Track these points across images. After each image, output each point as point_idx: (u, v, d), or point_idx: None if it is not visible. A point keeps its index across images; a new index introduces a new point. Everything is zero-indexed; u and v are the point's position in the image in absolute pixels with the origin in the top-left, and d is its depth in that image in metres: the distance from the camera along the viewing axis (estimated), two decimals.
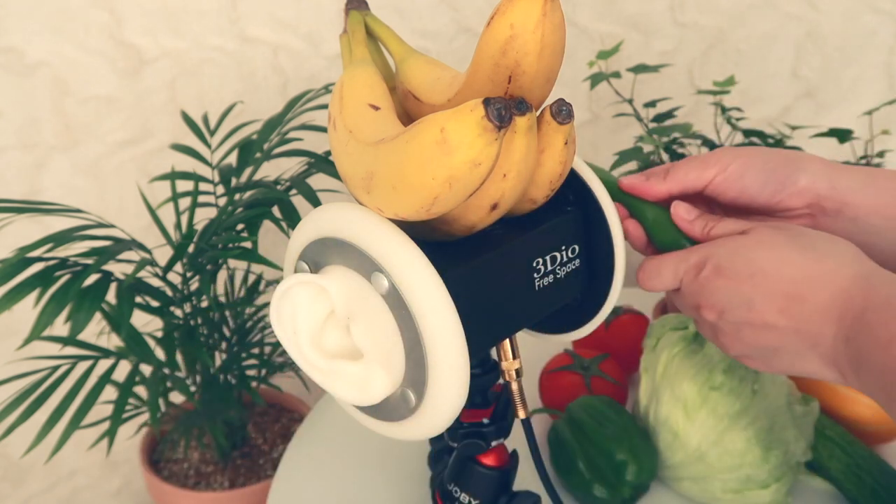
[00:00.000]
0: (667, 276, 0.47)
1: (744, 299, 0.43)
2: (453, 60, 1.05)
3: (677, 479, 0.66)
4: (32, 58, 0.96)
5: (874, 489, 0.64)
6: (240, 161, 0.83)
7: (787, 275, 0.42)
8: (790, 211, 0.49)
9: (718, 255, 0.44)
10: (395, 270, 0.38)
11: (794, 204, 0.48)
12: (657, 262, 0.48)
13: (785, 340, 0.42)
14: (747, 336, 0.44)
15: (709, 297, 0.45)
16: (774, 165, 0.47)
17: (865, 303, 0.39)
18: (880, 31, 1.05)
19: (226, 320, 0.90)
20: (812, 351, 0.42)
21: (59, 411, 0.73)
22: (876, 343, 0.37)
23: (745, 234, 0.45)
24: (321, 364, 0.41)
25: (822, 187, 0.47)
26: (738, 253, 0.43)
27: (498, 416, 0.52)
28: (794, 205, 0.48)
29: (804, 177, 0.47)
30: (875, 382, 0.38)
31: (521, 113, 0.37)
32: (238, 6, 0.99)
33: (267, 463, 0.96)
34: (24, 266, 0.67)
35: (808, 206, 0.48)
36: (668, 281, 0.47)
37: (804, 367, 0.43)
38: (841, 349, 0.40)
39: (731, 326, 0.44)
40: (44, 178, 1.02)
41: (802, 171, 0.47)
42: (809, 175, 0.47)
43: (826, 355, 0.41)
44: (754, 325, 0.43)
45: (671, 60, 1.06)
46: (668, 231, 0.49)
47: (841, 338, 0.40)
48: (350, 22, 0.50)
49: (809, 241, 0.43)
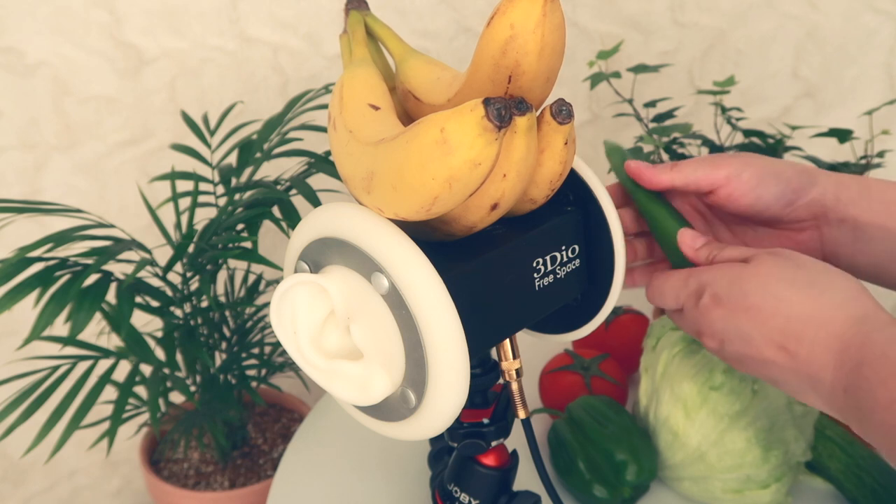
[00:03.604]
0: (669, 297, 0.48)
1: (742, 332, 0.43)
2: (453, 60, 1.05)
3: (677, 479, 0.66)
4: (32, 58, 0.96)
5: (874, 489, 0.64)
6: (240, 161, 0.83)
7: (783, 312, 0.41)
8: (799, 222, 0.49)
9: (717, 284, 0.44)
10: (395, 270, 0.38)
11: (803, 215, 0.49)
12: (661, 281, 0.48)
13: (784, 376, 0.42)
14: (749, 366, 0.44)
15: (709, 326, 0.45)
16: (789, 176, 0.48)
17: (861, 353, 0.39)
18: (880, 31, 1.05)
19: (226, 320, 0.90)
20: (811, 391, 0.42)
21: (59, 411, 0.73)
22: (876, 404, 0.37)
23: (745, 264, 0.44)
24: (321, 364, 0.41)
25: (828, 200, 0.48)
26: (735, 284, 0.43)
27: (498, 416, 0.52)
28: (803, 216, 0.49)
29: (816, 189, 0.48)
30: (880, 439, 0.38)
31: (521, 113, 0.37)
32: (238, 6, 0.99)
33: (267, 463, 0.96)
34: (24, 266, 0.67)
35: (815, 217, 0.49)
36: (670, 303, 0.48)
37: (806, 402, 0.43)
38: (840, 398, 0.40)
39: (733, 356, 0.44)
40: (44, 178, 1.03)
41: (814, 183, 0.48)
42: (820, 188, 0.48)
43: (824, 397, 0.41)
44: (754, 360, 0.43)
45: (671, 60, 1.06)
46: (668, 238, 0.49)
47: (839, 387, 0.40)
48: (350, 22, 0.50)
49: (808, 276, 0.42)
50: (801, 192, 0.48)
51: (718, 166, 0.48)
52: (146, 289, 0.78)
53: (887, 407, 0.37)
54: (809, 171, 0.48)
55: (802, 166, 0.49)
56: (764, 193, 0.48)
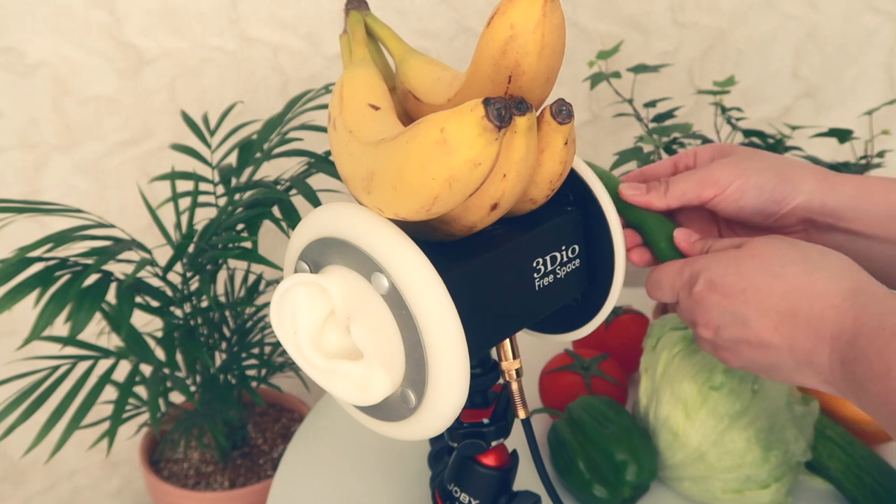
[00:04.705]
0: (665, 289, 0.48)
1: (738, 316, 0.43)
2: (453, 60, 1.05)
3: (677, 479, 0.66)
4: (32, 58, 0.96)
5: (874, 489, 0.64)
6: (240, 161, 0.83)
7: (778, 289, 0.42)
8: (785, 228, 0.50)
9: (711, 270, 0.44)
10: (395, 270, 0.38)
11: (788, 222, 0.49)
12: (657, 273, 0.49)
13: (781, 358, 0.43)
14: (745, 353, 0.44)
15: (703, 314, 0.45)
16: (771, 187, 0.48)
17: (857, 324, 0.39)
18: (880, 31, 1.05)
19: (226, 320, 0.90)
20: (808, 368, 0.42)
21: (59, 411, 0.73)
22: (873, 374, 0.38)
23: (739, 248, 0.45)
24: (321, 364, 0.41)
25: (814, 206, 0.48)
26: (731, 267, 0.44)
27: (498, 416, 0.52)
28: (789, 223, 0.49)
29: (798, 197, 0.48)
30: (876, 410, 0.38)
31: (521, 113, 0.37)
32: (238, 6, 0.99)
33: (267, 463, 0.96)
34: (24, 266, 0.67)
35: (802, 222, 0.49)
36: (667, 294, 0.48)
37: (803, 382, 0.43)
38: (837, 370, 0.40)
39: (728, 343, 0.45)
40: (44, 178, 1.03)
41: (797, 192, 0.48)
42: (803, 195, 0.48)
43: (822, 373, 0.41)
44: (751, 343, 0.43)
45: (671, 60, 1.06)
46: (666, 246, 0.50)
47: (836, 359, 0.40)
48: (350, 22, 0.50)
49: (801, 252, 0.43)
50: (783, 202, 0.48)
51: (706, 184, 0.49)
52: (146, 289, 0.78)
53: (883, 376, 0.37)
54: (791, 177, 0.48)
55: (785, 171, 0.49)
56: (745, 205, 0.48)
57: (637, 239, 0.51)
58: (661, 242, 0.50)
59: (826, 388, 0.42)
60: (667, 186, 0.50)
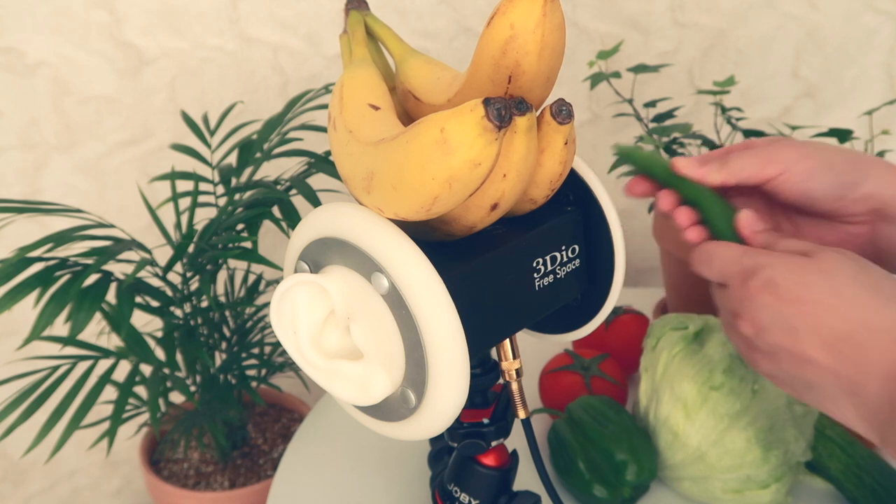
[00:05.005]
0: (716, 268, 0.45)
1: (788, 325, 0.41)
2: (453, 60, 1.05)
3: (677, 479, 0.66)
4: (32, 58, 0.96)
5: (874, 489, 0.64)
6: (240, 161, 0.83)
7: (841, 310, 0.39)
8: (852, 217, 0.47)
9: (775, 270, 0.41)
10: (395, 270, 0.38)
11: (856, 210, 0.46)
12: (711, 249, 0.45)
13: (823, 380, 0.40)
14: (784, 362, 0.42)
15: (750, 310, 0.42)
16: (840, 169, 0.45)
17: None
18: (880, 31, 1.05)
19: (226, 320, 0.90)
20: (848, 398, 0.39)
21: (59, 411, 0.73)
22: None
23: (808, 257, 0.42)
24: (321, 364, 0.41)
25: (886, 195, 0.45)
26: (796, 273, 0.41)
27: (498, 416, 0.52)
28: (857, 210, 0.46)
29: (869, 183, 0.45)
30: None
31: (521, 113, 0.37)
32: (238, 6, 0.99)
33: (267, 463, 0.96)
34: (24, 266, 0.67)
35: (870, 212, 0.46)
36: (716, 274, 0.45)
37: (838, 412, 0.41)
38: (883, 410, 0.38)
39: (767, 347, 0.42)
40: (44, 178, 1.03)
41: (867, 178, 0.45)
42: (874, 181, 0.45)
43: (863, 408, 0.39)
44: (793, 355, 0.41)
45: (671, 60, 1.06)
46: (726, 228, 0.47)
47: (885, 399, 0.37)
48: (350, 22, 0.50)
49: (873, 279, 0.40)
50: (853, 186, 0.45)
51: (769, 161, 0.46)
52: (146, 289, 0.78)
53: None
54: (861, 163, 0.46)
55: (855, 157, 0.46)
56: (814, 187, 0.45)
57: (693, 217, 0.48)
58: (718, 221, 0.47)
59: (861, 425, 0.40)
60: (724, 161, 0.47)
